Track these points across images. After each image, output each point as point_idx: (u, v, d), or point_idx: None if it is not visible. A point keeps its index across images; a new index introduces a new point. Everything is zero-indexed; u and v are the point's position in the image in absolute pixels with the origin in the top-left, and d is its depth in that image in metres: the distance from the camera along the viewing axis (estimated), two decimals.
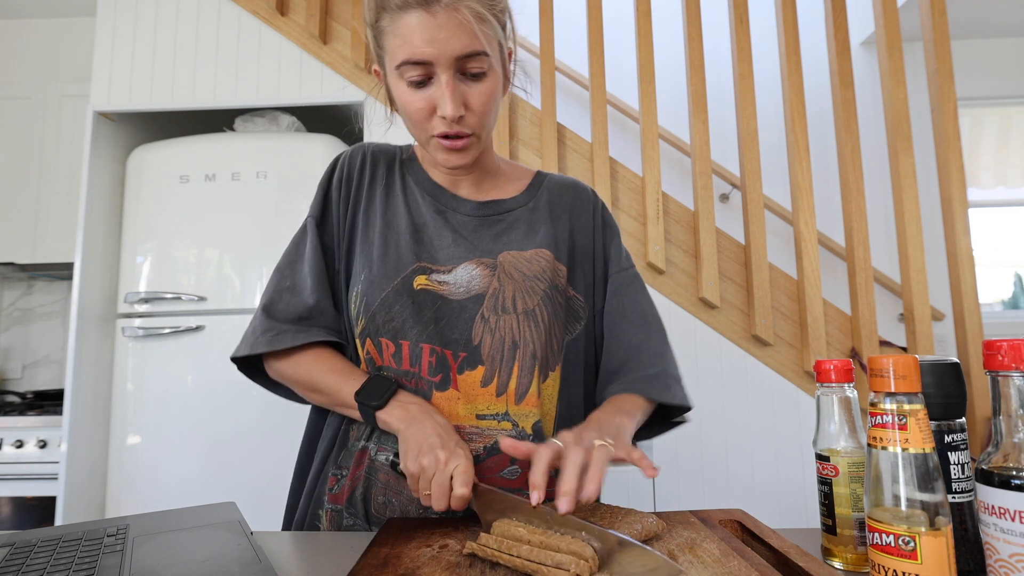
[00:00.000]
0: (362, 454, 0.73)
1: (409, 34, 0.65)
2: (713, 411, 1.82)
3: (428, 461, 0.60)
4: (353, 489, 0.72)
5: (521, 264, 0.77)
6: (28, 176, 2.37)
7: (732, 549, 0.53)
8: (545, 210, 0.82)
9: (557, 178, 0.87)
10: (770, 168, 2.48)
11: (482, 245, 0.77)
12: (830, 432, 0.57)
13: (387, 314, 0.73)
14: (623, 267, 0.84)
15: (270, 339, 0.73)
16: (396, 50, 0.67)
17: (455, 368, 0.72)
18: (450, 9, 0.64)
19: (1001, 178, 2.71)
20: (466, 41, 0.65)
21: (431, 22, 0.64)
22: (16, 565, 0.54)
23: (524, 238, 0.79)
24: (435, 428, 0.64)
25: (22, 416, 1.95)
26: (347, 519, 0.72)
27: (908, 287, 1.82)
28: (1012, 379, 0.46)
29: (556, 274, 0.78)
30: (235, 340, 0.79)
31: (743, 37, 1.93)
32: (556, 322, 0.77)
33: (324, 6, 1.99)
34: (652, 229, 1.86)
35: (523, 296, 0.75)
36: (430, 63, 0.65)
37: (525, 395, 0.74)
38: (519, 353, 0.74)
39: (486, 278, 0.75)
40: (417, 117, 0.69)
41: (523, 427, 0.74)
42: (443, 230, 0.77)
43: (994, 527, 0.45)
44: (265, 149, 1.92)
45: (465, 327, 0.73)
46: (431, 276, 0.74)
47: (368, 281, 0.74)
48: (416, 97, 0.68)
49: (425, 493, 0.60)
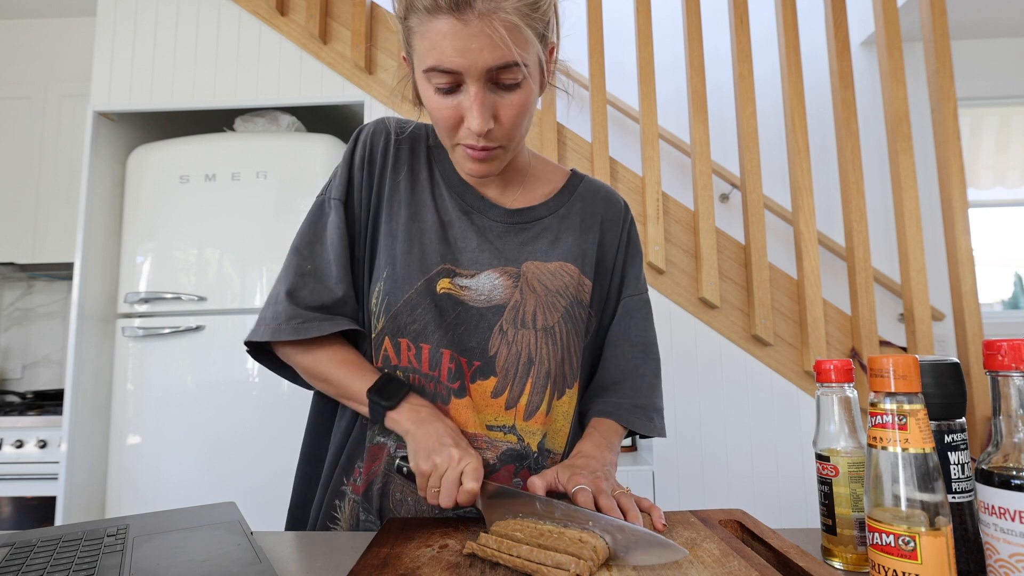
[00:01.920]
0: (378, 449, 0.73)
1: (439, 40, 0.60)
2: (713, 411, 1.82)
3: (441, 459, 0.61)
4: (369, 483, 0.72)
5: (544, 277, 0.76)
6: (28, 176, 2.37)
7: (732, 549, 0.53)
8: (576, 219, 0.80)
9: (592, 184, 0.84)
10: (770, 168, 2.48)
11: (507, 252, 0.75)
12: (830, 432, 0.57)
13: (410, 315, 0.72)
14: (639, 291, 0.85)
15: (295, 327, 0.71)
16: (424, 54, 0.62)
17: (468, 376, 0.72)
18: (484, 18, 0.58)
19: (1000, 178, 2.71)
20: (499, 52, 0.59)
21: (463, 30, 0.58)
22: (16, 565, 0.54)
23: (549, 248, 0.77)
24: (446, 430, 0.65)
25: (22, 416, 1.95)
26: (362, 513, 0.73)
27: (908, 287, 1.82)
28: (1012, 379, 0.46)
29: (580, 289, 0.78)
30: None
31: (743, 37, 1.93)
32: (575, 339, 0.77)
33: (324, 6, 1.99)
34: (652, 229, 1.86)
35: (543, 312, 0.75)
36: (459, 72, 0.61)
37: (535, 413, 0.74)
38: (533, 370, 0.74)
39: (508, 289, 0.74)
40: (444, 124, 0.66)
41: (528, 443, 0.74)
42: (468, 232, 0.75)
43: (994, 527, 0.45)
44: (265, 149, 1.92)
45: (483, 336, 0.73)
46: (454, 280, 0.73)
47: (392, 280, 0.73)
48: (443, 104, 0.64)
49: (434, 490, 0.61)
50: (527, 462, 0.74)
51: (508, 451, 0.73)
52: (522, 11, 0.60)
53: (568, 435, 0.79)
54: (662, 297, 1.84)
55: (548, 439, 0.76)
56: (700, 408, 1.81)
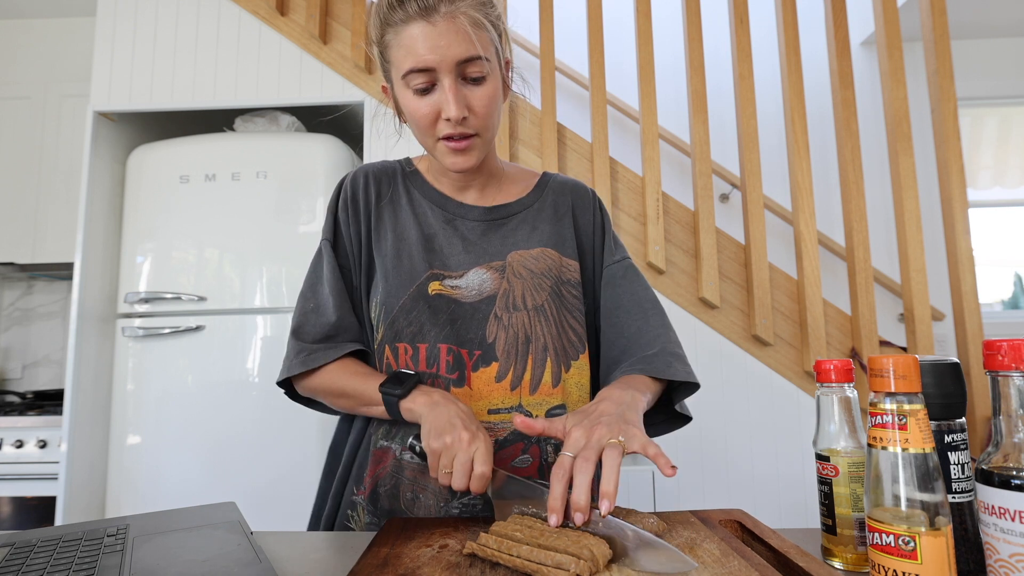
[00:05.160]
0: (382, 453, 0.76)
1: (412, 44, 0.69)
2: (713, 411, 1.82)
3: (452, 439, 0.62)
4: (375, 486, 0.75)
5: (528, 262, 0.81)
6: (28, 176, 2.37)
7: (732, 549, 0.53)
8: (550, 210, 0.86)
9: (560, 179, 0.91)
10: (770, 168, 2.48)
11: (491, 249, 0.81)
12: (830, 432, 0.58)
13: (406, 319, 0.76)
14: (615, 259, 0.87)
15: (303, 360, 0.77)
16: (401, 60, 0.71)
17: (470, 366, 0.76)
18: (448, 18, 0.68)
19: (1000, 178, 2.71)
20: (465, 47, 0.69)
21: (432, 31, 0.68)
22: (16, 565, 0.54)
23: (528, 236, 0.83)
24: (458, 412, 0.66)
25: (22, 416, 1.95)
26: (367, 516, 0.75)
27: (908, 287, 1.82)
28: (1012, 379, 0.46)
29: (563, 269, 0.82)
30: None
31: (743, 37, 1.93)
32: (567, 313, 0.81)
33: (324, 6, 1.99)
34: (652, 229, 1.86)
35: (532, 293, 0.79)
36: (433, 69, 0.69)
37: (539, 385, 0.77)
38: (532, 347, 0.78)
39: (496, 280, 0.79)
40: (424, 123, 0.73)
41: (537, 415, 0.76)
42: (453, 238, 0.81)
43: (994, 527, 0.45)
44: (265, 149, 1.92)
45: (479, 326, 0.77)
46: (444, 282, 0.78)
47: (386, 291, 0.78)
48: (422, 103, 0.72)
49: (445, 472, 0.62)
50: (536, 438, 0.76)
51: (515, 432, 0.75)
52: (478, 8, 0.70)
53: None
54: (662, 297, 1.84)
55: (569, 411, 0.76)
56: (700, 408, 1.81)
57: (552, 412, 0.77)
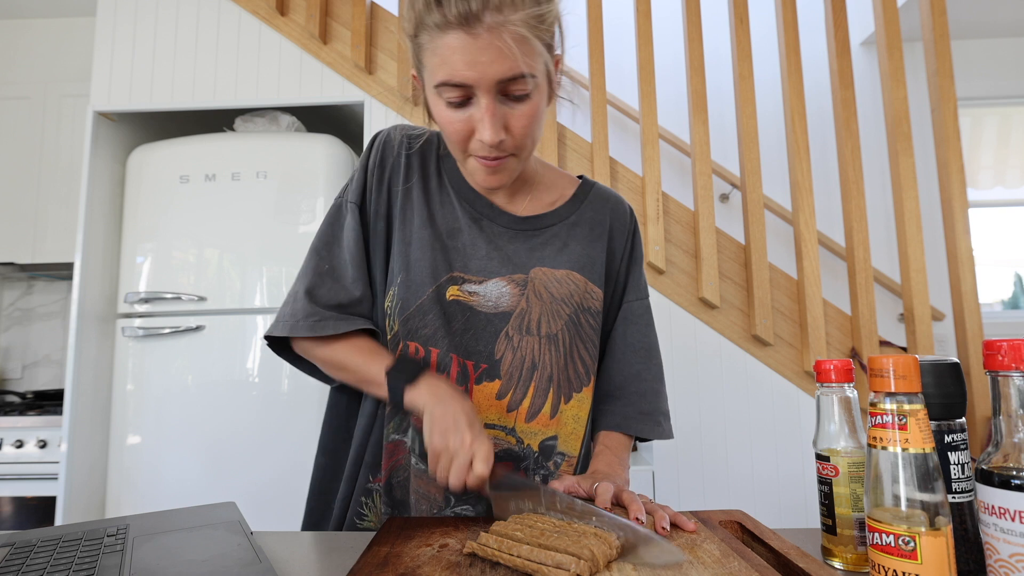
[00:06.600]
0: (394, 446, 0.75)
1: (449, 55, 0.61)
2: (713, 411, 1.82)
3: (454, 440, 0.62)
4: (389, 476, 0.75)
5: (551, 284, 0.77)
6: (28, 176, 2.37)
7: (732, 550, 0.53)
8: (586, 227, 0.81)
9: (601, 192, 0.85)
10: (770, 168, 2.48)
11: (516, 258, 0.77)
12: (830, 432, 0.58)
13: (421, 320, 0.74)
14: (639, 296, 0.86)
15: (312, 324, 0.73)
16: (435, 69, 0.63)
17: (474, 378, 0.75)
18: (494, 31, 0.59)
19: (1000, 178, 2.71)
20: (509, 64, 0.61)
21: (472, 44, 0.60)
22: (16, 565, 0.54)
23: (557, 254, 0.78)
24: (462, 411, 0.65)
25: (22, 416, 1.95)
26: (383, 507, 0.75)
27: (908, 287, 1.82)
28: (1012, 379, 0.46)
29: (587, 297, 0.79)
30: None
31: (743, 37, 1.93)
32: (581, 344, 0.79)
33: (324, 6, 1.99)
34: (652, 229, 1.86)
35: (548, 319, 0.77)
36: (470, 86, 0.62)
37: (536, 415, 0.76)
38: (536, 375, 0.76)
39: (515, 296, 0.76)
40: (456, 138, 0.67)
41: (529, 444, 0.76)
42: (478, 239, 0.77)
43: (994, 527, 0.45)
44: (265, 149, 1.92)
45: (489, 341, 0.75)
46: (463, 287, 0.75)
47: (406, 285, 0.75)
48: (455, 117, 0.66)
49: (444, 471, 0.62)
50: (526, 463, 0.76)
51: (504, 451, 0.75)
52: (529, 23, 0.61)
53: (583, 439, 0.80)
54: (662, 297, 1.84)
55: (561, 443, 0.78)
56: (700, 408, 1.81)
57: (544, 443, 0.76)
